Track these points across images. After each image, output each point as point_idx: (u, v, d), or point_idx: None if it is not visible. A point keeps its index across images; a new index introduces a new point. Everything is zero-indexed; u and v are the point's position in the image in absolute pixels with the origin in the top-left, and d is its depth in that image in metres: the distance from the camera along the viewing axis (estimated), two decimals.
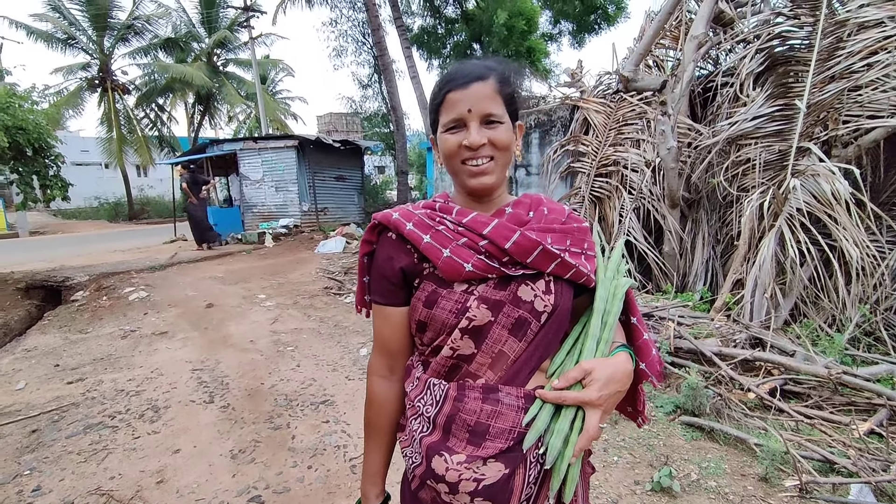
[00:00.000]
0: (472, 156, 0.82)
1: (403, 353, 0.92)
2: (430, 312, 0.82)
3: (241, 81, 22.38)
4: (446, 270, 0.80)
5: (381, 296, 0.90)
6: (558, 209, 0.93)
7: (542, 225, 0.86)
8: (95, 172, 26.26)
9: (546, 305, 0.81)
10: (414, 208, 0.90)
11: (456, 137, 0.83)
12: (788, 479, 2.13)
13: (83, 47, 18.35)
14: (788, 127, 3.97)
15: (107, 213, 22.33)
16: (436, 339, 0.83)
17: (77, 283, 6.67)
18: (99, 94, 19.05)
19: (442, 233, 0.83)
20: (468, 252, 0.81)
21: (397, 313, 0.89)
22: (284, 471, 2.46)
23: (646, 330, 0.93)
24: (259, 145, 11.76)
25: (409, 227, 0.85)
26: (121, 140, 18.68)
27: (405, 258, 0.86)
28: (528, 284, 0.82)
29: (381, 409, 0.94)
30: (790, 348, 3.28)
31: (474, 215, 0.85)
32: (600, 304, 0.88)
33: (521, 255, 0.80)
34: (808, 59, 4.00)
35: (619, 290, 0.90)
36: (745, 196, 4.23)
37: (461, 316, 0.79)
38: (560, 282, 0.84)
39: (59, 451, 2.71)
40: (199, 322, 5.10)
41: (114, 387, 3.54)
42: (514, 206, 0.91)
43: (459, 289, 0.81)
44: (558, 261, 0.82)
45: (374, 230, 0.92)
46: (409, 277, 0.87)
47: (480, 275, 0.80)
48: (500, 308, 0.80)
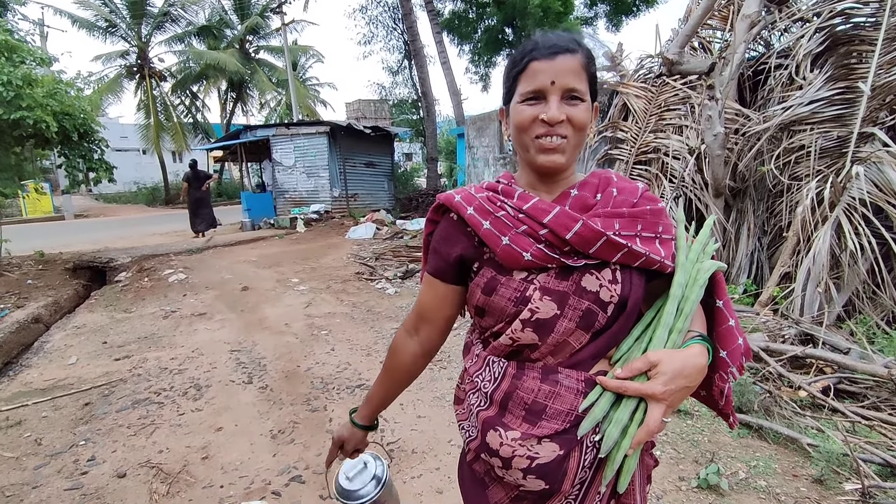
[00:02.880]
0: (547, 132, 0.77)
1: (435, 322, 0.94)
2: (488, 299, 0.81)
3: (272, 68, 22.64)
4: (505, 258, 0.78)
5: (434, 269, 0.91)
6: (629, 188, 0.87)
7: (610, 209, 0.80)
8: (134, 158, 27.19)
9: (612, 296, 0.77)
10: (476, 191, 0.87)
11: (533, 110, 0.78)
12: (847, 483, 2.03)
13: (122, 35, 18.87)
14: (849, 111, 3.72)
15: (145, 198, 23.16)
16: (495, 325, 0.82)
17: (120, 265, 6.94)
18: (137, 81, 19.61)
19: (502, 219, 0.80)
20: (528, 240, 0.78)
21: (443, 287, 0.90)
22: (324, 452, 2.49)
23: (733, 315, 0.85)
24: (291, 131, 11.90)
25: (469, 211, 0.83)
26: (158, 126, 19.23)
27: (465, 241, 0.85)
28: (593, 273, 0.78)
29: (394, 356, 0.98)
30: (844, 346, 3.11)
31: (535, 201, 0.81)
32: (677, 290, 0.81)
33: (582, 245, 0.76)
34: (875, 39, 3.72)
35: (702, 276, 0.83)
36: (796, 185, 4.01)
37: (520, 305, 0.77)
38: (629, 270, 0.79)
39: (110, 423, 2.83)
40: (236, 304, 5.23)
41: (158, 365, 3.68)
42: (580, 187, 0.85)
43: (519, 276, 0.79)
44: (624, 251, 0.77)
45: (437, 210, 0.93)
46: (468, 262, 0.86)
47: (540, 264, 0.77)
48: (565, 300, 0.77)
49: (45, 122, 5.90)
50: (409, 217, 11.73)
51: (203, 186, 10.44)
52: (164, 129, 19.65)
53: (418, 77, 13.13)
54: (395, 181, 14.34)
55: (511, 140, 0.88)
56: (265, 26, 21.23)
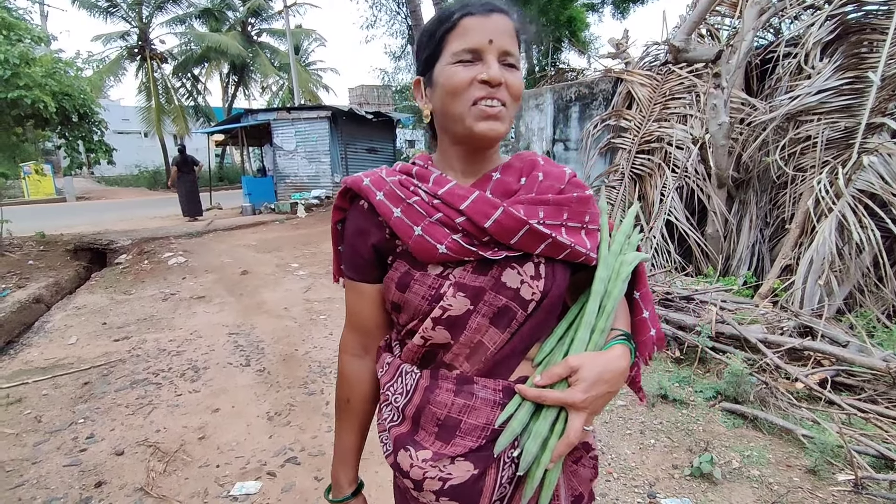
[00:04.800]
0: (488, 94, 0.67)
1: (378, 332, 0.84)
2: (402, 296, 0.73)
3: (274, 51, 22.40)
4: (418, 251, 0.70)
5: (353, 270, 0.80)
6: (556, 173, 0.79)
7: (534, 196, 0.73)
8: (135, 141, 27.05)
9: (534, 293, 0.71)
10: (388, 174, 0.78)
11: (469, 71, 0.68)
12: (841, 474, 2.03)
13: (123, 15, 18.65)
14: (858, 102, 3.66)
15: (146, 181, 23.09)
16: (409, 322, 0.75)
17: (121, 247, 6.95)
18: (138, 63, 19.43)
19: (414, 206, 0.72)
20: (442, 231, 0.70)
21: (371, 290, 0.80)
22: (319, 435, 2.51)
23: (649, 306, 0.82)
24: (293, 116, 11.81)
25: (378, 196, 0.74)
26: (159, 109, 19.09)
27: (377, 232, 0.76)
28: (515, 268, 0.71)
29: (353, 390, 0.86)
30: (843, 339, 3.10)
31: (452, 185, 0.72)
32: (599, 286, 0.75)
33: (503, 235, 0.68)
34: (886, 27, 3.64)
35: (624, 269, 0.77)
36: (801, 177, 3.97)
37: (433, 303, 0.70)
38: (552, 264, 0.73)
39: (109, 403, 2.86)
40: (235, 288, 5.24)
41: (156, 346, 3.69)
42: (503, 170, 0.77)
43: (434, 272, 0.71)
44: (548, 241, 0.70)
45: (344, 196, 0.81)
46: (382, 254, 0.77)
47: (456, 257, 0.69)
48: (480, 296, 0.70)
49: (43, 102, 5.84)
50: None
51: (192, 171, 10.45)
52: (165, 112, 19.51)
53: None
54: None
55: (431, 118, 0.78)
56: (267, 8, 20.96)
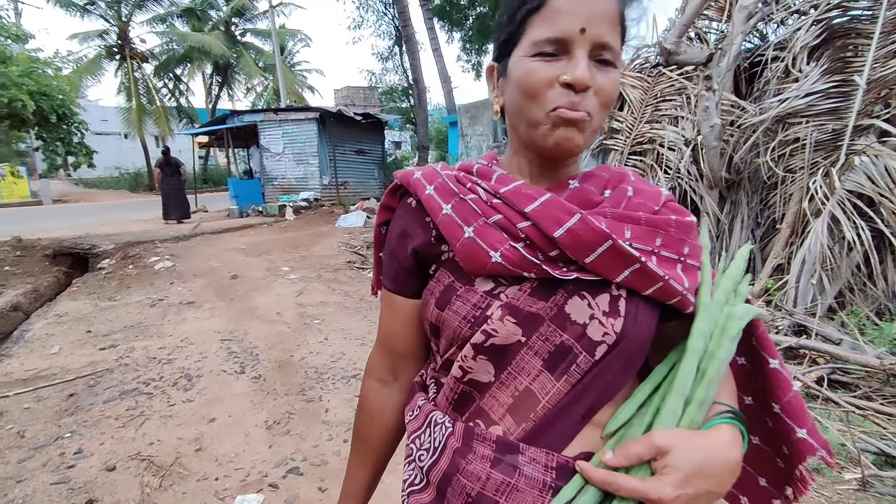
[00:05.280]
0: (570, 103, 0.54)
1: (412, 357, 0.72)
2: (441, 315, 0.60)
3: (258, 52, 22.15)
4: (465, 257, 0.57)
5: (390, 280, 0.69)
6: (650, 192, 0.63)
7: (621, 211, 0.58)
8: (115, 142, 26.45)
9: (606, 333, 0.55)
10: (443, 168, 0.67)
11: (550, 69, 0.54)
12: (847, 472, 2.05)
13: (101, 14, 18.22)
14: (845, 104, 3.74)
15: (127, 183, 22.59)
16: (447, 349, 0.62)
17: (103, 252, 6.75)
18: (118, 63, 19.00)
19: (469, 204, 0.60)
20: (499, 235, 0.57)
21: (408, 306, 0.68)
22: (320, 444, 2.45)
23: (787, 385, 0.61)
24: (280, 117, 11.66)
25: (428, 190, 0.62)
26: (140, 110, 18.70)
27: (421, 234, 0.64)
28: (585, 297, 0.56)
29: (373, 422, 0.72)
30: (836, 336, 3.16)
31: (518, 184, 0.59)
32: (698, 342, 0.57)
33: (576, 249, 0.54)
34: (871, 32, 3.73)
35: (733, 324, 0.59)
36: (791, 177, 4.03)
37: (478, 326, 0.57)
38: (636, 300, 0.57)
39: (97, 415, 2.75)
40: (225, 293, 5.12)
41: (146, 354, 3.58)
42: (583, 179, 0.63)
43: (482, 287, 0.58)
44: (636, 266, 0.54)
45: (394, 193, 0.70)
46: (424, 262, 0.64)
47: (512, 271, 0.56)
48: (535, 326, 0.56)
49: (20, 101, 5.67)
50: None
51: (178, 173, 10.26)
52: (146, 112, 19.12)
53: (410, 64, 12.93)
54: (386, 169, 14.19)
55: (502, 113, 0.64)
56: (252, 8, 20.71)
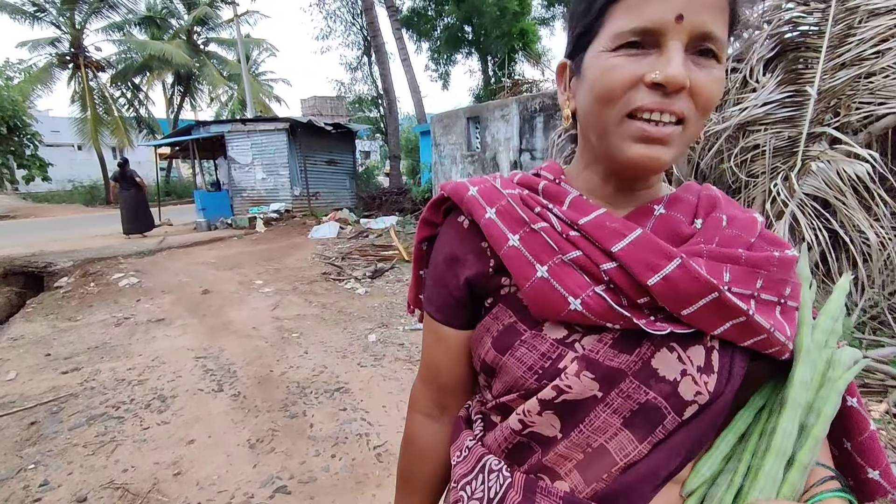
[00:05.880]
0: (657, 105, 0.44)
1: (460, 389, 0.64)
2: (500, 359, 0.53)
3: (222, 61, 21.64)
4: (536, 301, 0.49)
5: (436, 308, 0.60)
6: (744, 220, 0.54)
7: (717, 248, 0.49)
8: (68, 154, 25.20)
9: (699, 393, 0.48)
10: (503, 184, 0.56)
11: (635, 65, 0.44)
12: None
13: (52, 21, 17.42)
14: (799, 113, 3.98)
15: (82, 197, 21.49)
16: (504, 394, 0.55)
17: (61, 269, 6.39)
18: (71, 71, 18.16)
19: (541, 235, 0.50)
20: (579, 277, 0.49)
21: (456, 337, 0.60)
22: (307, 460, 2.39)
23: (868, 415, 0.56)
24: (248, 128, 11.41)
25: (489, 214, 0.53)
26: (96, 120, 17.89)
27: (476, 262, 0.55)
28: (675, 350, 0.48)
29: (422, 459, 0.66)
30: None
31: (600, 214, 0.50)
32: (799, 396, 0.50)
33: (673, 300, 0.46)
34: (819, 46, 3.99)
35: (841, 375, 0.52)
36: (753, 182, 4.25)
37: (547, 380, 0.49)
38: (731, 351, 0.50)
39: (63, 443, 2.59)
40: (197, 309, 4.94)
41: (113, 376, 3.40)
42: (668, 204, 0.54)
43: (553, 335, 0.50)
44: (740, 320, 0.47)
45: (438, 207, 0.61)
46: (478, 293, 0.57)
47: (593, 321, 0.48)
48: (615, 382, 0.48)
49: None
50: (373, 216, 11.54)
51: (137, 185, 9.91)
52: (103, 123, 18.31)
53: (380, 73, 12.94)
54: (357, 179, 14.08)
55: (574, 119, 0.55)
56: (214, 17, 20.24)
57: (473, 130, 7.36)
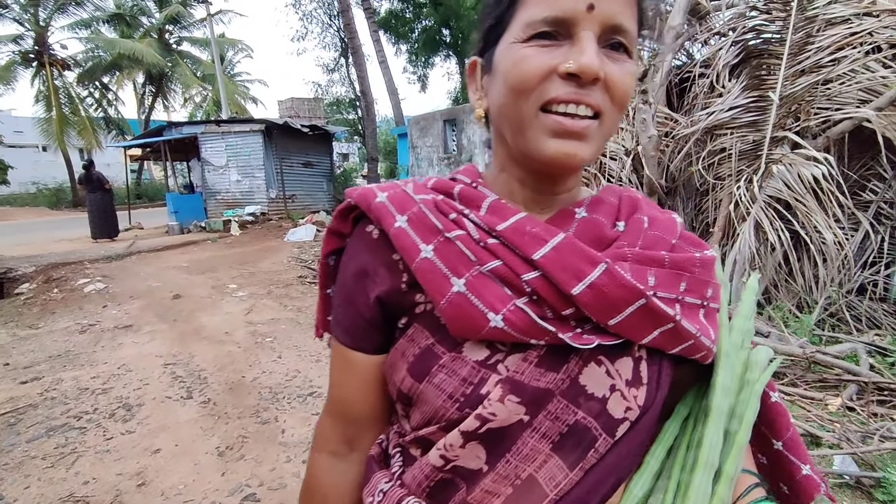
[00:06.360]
0: (572, 96, 0.43)
1: (373, 422, 0.57)
2: (417, 387, 0.48)
3: (196, 61, 21.19)
4: (454, 319, 0.45)
5: (344, 331, 0.54)
6: (664, 221, 0.54)
7: (641, 251, 0.48)
8: (32, 155, 24.25)
9: (629, 408, 0.46)
10: (415, 189, 0.53)
11: (547, 56, 0.43)
12: None
13: (15, 17, 16.76)
14: (762, 118, 4.12)
15: (47, 200, 20.69)
16: (424, 426, 0.49)
17: (22, 275, 6.15)
18: (35, 70, 17.49)
19: (457, 245, 0.46)
20: (499, 290, 0.45)
21: (367, 363, 0.53)
22: (278, 466, 2.35)
23: (789, 427, 0.55)
24: (223, 129, 11.18)
25: (399, 222, 0.48)
26: (61, 121, 17.26)
27: (388, 278, 0.50)
28: (603, 363, 0.46)
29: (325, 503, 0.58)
30: (765, 329, 3.44)
31: (520, 218, 0.47)
32: (722, 403, 0.49)
33: (600, 310, 0.44)
34: (781, 53, 4.14)
35: (758, 377, 0.53)
36: (720, 185, 4.38)
37: (468, 408, 0.45)
38: (659, 360, 0.49)
39: (19, 456, 2.48)
40: (167, 314, 4.81)
41: (76, 385, 3.28)
42: (590, 207, 0.52)
43: (474, 356, 0.46)
44: (668, 327, 0.45)
45: (346, 216, 0.55)
46: (391, 312, 0.51)
47: (516, 338, 0.44)
48: (543, 404, 0.45)
49: None
50: None
51: (103, 188, 9.66)
52: (69, 123, 17.67)
53: (357, 75, 12.85)
54: (335, 181, 13.94)
55: (487, 115, 0.53)
56: (187, 15, 19.80)
57: (450, 133, 7.39)
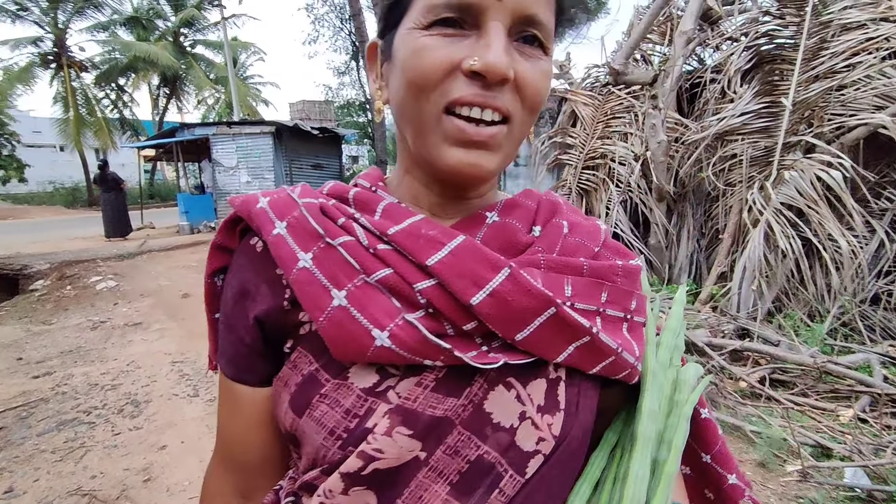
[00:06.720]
0: (476, 98, 0.38)
1: (268, 466, 0.49)
2: (298, 423, 0.41)
3: (209, 64, 21.52)
4: (334, 338, 0.38)
5: (228, 361, 0.47)
6: (588, 227, 0.50)
7: (558, 257, 0.44)
8: (49, 155, 24.74)
9: (542, 439, 0.40)
10: (303, 194, 0.46)
11: (451, 48, 0.38)
12: (789, 465, 2.19)
13: (35, 20, 17.14)
14: (774, 124, 4.08)
15: (63, 199, 21.07)
16: (310, 468, 0.42)
17: (36, 272, 6.26)
18: (53, 71, 17.86)
19: (339, 252, 0.40)
20: (387, 302, 0.39)
21: (256, 398, 0.46)
22: None
23: (719, 441, 0.53)
24: (233, 131, 11.31)
25: (277, 229, 0.42)
26: (78, 121, 17.59)
27: (268, 295, 0.43)
28: (513, 387, 0.40)
29: None
30: (775, 338, 3.39)
31: (416, 220, 0.42)
32: (649, 429, 0.45)
33: (503, 322, 0.38)
34: (794, 59, 4.10)
35: (688, 397, 0.49)
36: (730, 191, 4.33)
37: (353, 445, 0.38)
38: (578, 381, 0.43)
39: (30, 449, 2.53)
40: (176, 313, 4.87)
41: (86, 381, 3.33)
42: (503, 210, 0.47)
43: (361, 382, 0.39)
44: (584, 340, 0.40)
45: (232, 228, 0.48)
46: (274, 335, 0.44)
47: (406, 358, 0.38)
48: (441, 436, 0.39)
49: None
50: None
51: (118, 188, 9.89)
52: (85, 124, 18.00)
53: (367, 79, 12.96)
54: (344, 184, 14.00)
55: (389, 107, 0.45)
56: (202, 19, 20.12)
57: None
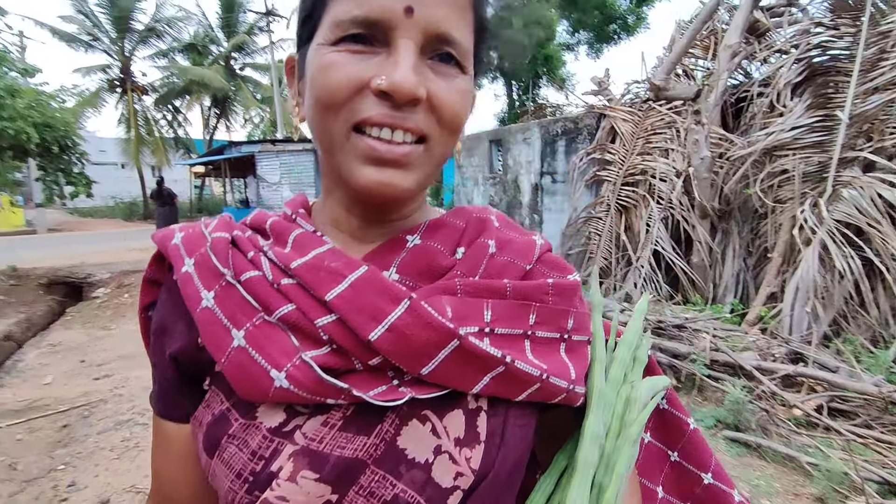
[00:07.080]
0: (384, 119, 0.37)
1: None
2: (210, 463, 0.40)
3: (256, 85, 22.68)
4: (238, 380, 0.37)
5: (156, 397, 0.47)
6: (519, 244, 0.46)
7: (479, 280, 0.42)
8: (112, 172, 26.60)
9: (461, 474, 0.38)
10: (218, 227, 0.45)
11: (360, 65, 0.37)
12: (851, 502, 2.05)
13: (104, 49, 18.68)
14: (829, 138, 3.90)
15: (122, 213, 22.59)
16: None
17: (99, 280, 6.71)
18: (118, 95, 19.36)
19: (238, 290, 0.40)
20: (286, 341, 0.38)
21: (180, 434, 0.45)
22: None
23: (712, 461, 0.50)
24: (277, 148, 11.86)
25: (186, 267, 0.42)
26: (139, 141, 18.93)
27: (184, 332, 0.43)
28: (428, 420, 0.38)
29: None
30: (833, 364, 3.19)
31: (322, 252, 0.40)
32: (590, 453, 0.42)
33: (405, 357, 0.37)
34: (850, 70, 3.93)
35: (635, 418, 0.45)
36: (780, 208, 4.15)
37: (259, 490, 0.37)
38: (503, 410, 0.41)
39: (91, 446, 2.70)
40: None
41: (141, 384, 3.53)
42: (426, 233, 0.45)
43: (268, 422, 0.38)
44: (498, 371, 0.38)
45: (161, 261, 0.48)
46: (190, 372, 0.44)
47: (309, 399, 0.36)
48: (352, 476, 0.36)
49: (26, 134, 5.76)
50: None
51: (172, 202, 10.54)
52: (144, 143, 19.35)
53: None
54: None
55: (307, 122, 0.43)
56: (251, 43, 21.33)
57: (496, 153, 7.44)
